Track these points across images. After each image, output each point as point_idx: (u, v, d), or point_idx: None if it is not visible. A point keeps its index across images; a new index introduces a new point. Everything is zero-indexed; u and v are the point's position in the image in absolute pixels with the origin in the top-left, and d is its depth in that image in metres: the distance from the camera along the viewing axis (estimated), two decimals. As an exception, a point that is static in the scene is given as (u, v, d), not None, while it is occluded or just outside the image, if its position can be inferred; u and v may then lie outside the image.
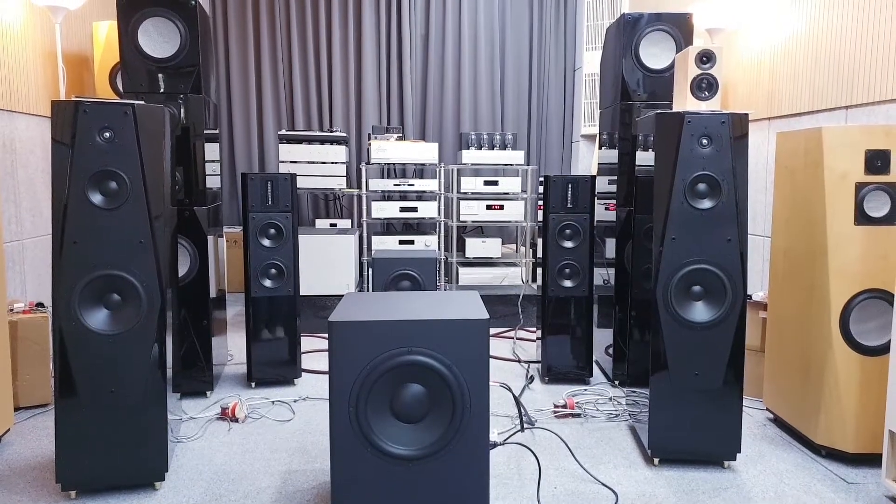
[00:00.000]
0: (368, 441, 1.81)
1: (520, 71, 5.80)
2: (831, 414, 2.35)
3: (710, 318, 2.28)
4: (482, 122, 5.73)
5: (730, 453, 2.35)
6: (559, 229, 3.18)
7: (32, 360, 2.80)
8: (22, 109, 3.19)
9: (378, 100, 5.66)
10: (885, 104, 2.62)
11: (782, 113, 3.27)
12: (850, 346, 2.32)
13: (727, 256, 2.27)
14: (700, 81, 2.73)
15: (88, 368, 2.05)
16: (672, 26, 3.13)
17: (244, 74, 5.55)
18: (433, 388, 1.83)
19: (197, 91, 2.92)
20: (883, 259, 2.30)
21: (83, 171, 2.03)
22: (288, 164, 4.61)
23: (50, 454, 2.41)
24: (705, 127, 2.26)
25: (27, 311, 2.85)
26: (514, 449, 2.48)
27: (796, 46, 3.17)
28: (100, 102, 2.05)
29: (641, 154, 2.56)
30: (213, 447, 2.49)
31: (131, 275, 2.06)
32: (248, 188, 3.07)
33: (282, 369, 3.18)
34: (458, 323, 1.82)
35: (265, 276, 3.11)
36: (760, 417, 2.82)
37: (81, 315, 2.03)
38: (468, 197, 4.76)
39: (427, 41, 5.65)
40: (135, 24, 2.84)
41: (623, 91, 3.16)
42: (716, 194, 2.27)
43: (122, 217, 2.06)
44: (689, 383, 2.31)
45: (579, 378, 3.26)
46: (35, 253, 3.28)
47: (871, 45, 2.69)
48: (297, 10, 5.52)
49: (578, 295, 3.22)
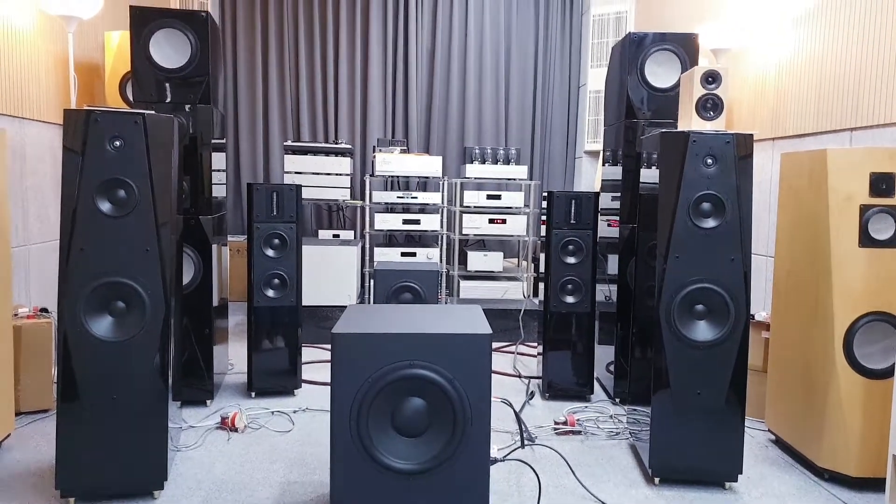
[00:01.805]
0: (368, 454, 1.81)
1: (524, 87, 5.84)
2: (834, 437, 2.34)
3: (713, 338, 2.28)
4: (486, 137, 5.75)
5: (731, 474, 2.33)
6: (562, 245, 3.19)
7: (35, 365, 2.80)
8: (33, 116, 3.21)
9: (383, 112, 5.69)
10: (890, 127, 2.63)
11: (787, 134, 3.28)
12: (853, 369, 2.31)
13: (730, 276, 2.28)
14: (705, 101, 2.75)
15: (91, 375, 2.05)
16: (678, 46, 3.15)
17: (251, 85, 5.59)
18: (434, 402, 1.83)
19: (205, 101, 2.95)
20: (887, 282, 2.30)
21: (93, 178, 2.05)
22: (293, 175, 4.63)
23: (49, 460, 2.41)
24: (710, 147, 2.27)
25: (31, 316, 2.85)
26: (514, 465, 2.47)
27: (801, 68, 3.19)
28: (111, 111, 2.07)
29: (645, 172, 2.57)
30: (212, 456, 2.49)
31: (137, 282, 2.07)
32: (253, 198, 3.09)
33: (282, 379, 3.18)
34: (460, 337, 1.83)
35: (268, 286, 3.12)
36: (762, 439, 2.81)
37: (86, 321, 2.04)
38: (471, 210, 4.77)
39: (433, 56, 5.69)
40: (147, 35, 2.87)
41: (628, 109, 3.18)
42: (720, 214, 2.28)
43: (129, 225, 2.07)
44: (690, 402, 2.31)
45: (580, 395, 3.26)
46: (40, 259, 3.29)
47: (876, 68, 2.71)
48: (305, 23, 5.57)
49: (580, 311, 3.22)
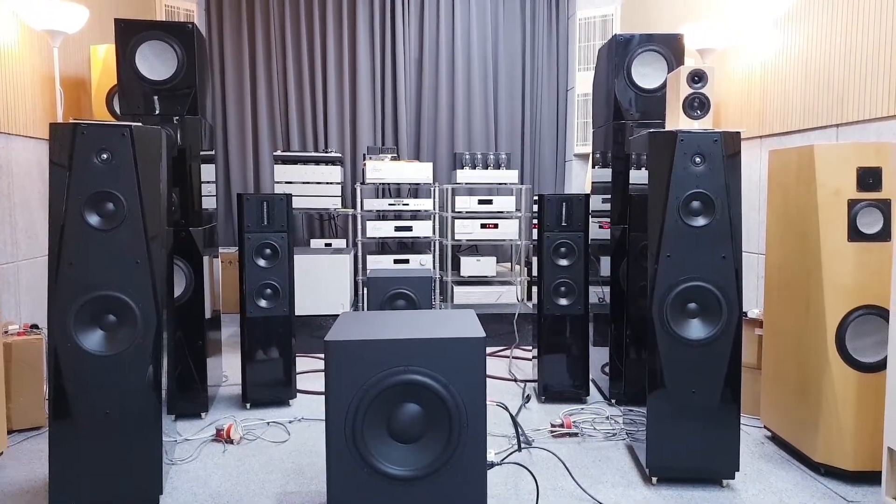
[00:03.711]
0: (365, 461, 1.80)
1: (513, 91, 5.86)
2: (829, 431, 2.35)
3: (706, 336, 2.29)
4: (476, 142, 5.76)
5: (728, 472, 2.34)
6: (554, 247, 3.19)
7: (26, 382, 2.78)
8: (19, 132, 3.20)
9: (373, 120, 5.70)
10: (875, 122, 2.65)
11: (774, 131, 3.30)
12: (846, 363, 2.32)
13: (722, 273, 2.28)
14: (692, 101, 2.76)
15: (83, 390, 2.04)
16: (663, 47, 3.17)
17: (240, 96, 5.58)
18: (430, 408, 1.83)
19: (193, 112, 2.94)
20: (877, 275, 2.32)
21: (80, 192, 2.04)
22: (283, 185, 4.62)
23: (43, 478, 2.39)
24: (698, 145, 2.28)
25: (21, 332, 2.83)
26: (511, 469, 2.47)
27: (786, 65, 3.21)
28: (97, 124, 2.06)
29: (635, 172, 2.58)
30: (207, 469, 2.47)
31: (127, 296, 2.06)
32: (243, 208, 3.07)
33: (277, 390, 3.16)
34: (454, 342, 1.82)
35: (260, 297, 3.10)
36: (758, 435, 2.82)
37: (77, 336, 2.02)
38: (462, 216, 4.77)
39: (421, 62, 5.70)
40: (132, 48, 2.86)
41: (616, 110, 3.19)
42: (710, 212, 2.29)
43: (118, 238, 2.06)
44: (686, 401, 2.31)
45: (576, 397, 3.25)
46: (30, 275, 3.26)
47: (860, 64, 2.73)
48: (293, 32, 5.57)
49: (574, 313, 3.22)
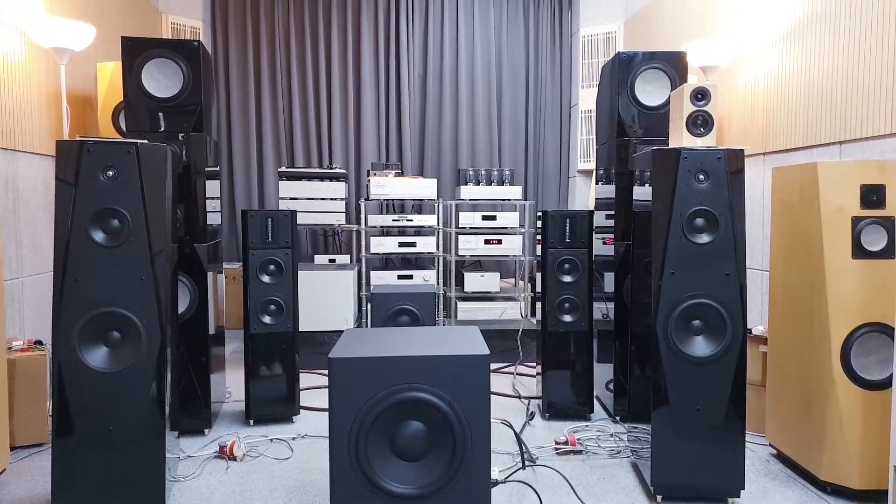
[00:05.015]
0: (368, 479, 1.79)
1: (516, 108, 5.89)
2: (835, 449, 2.33)
3: (711, 353, 2.28)
4: (480, 159, 5.79)
5: (734, 490, 2.32)
6: (558, 264, 3.19)
7: (29, 398, 2.77)
8: (25, 149, 3.22)
9: (377, 136, 5.72)
10: (879, 139, 2.66)
11: (777, 148, 3.31)
12: (851, 381, 2.31)
13: (726, 291, 2.28)
14: (695, 118, 2.78)
15: (87, 406, 2.04)
16: (666, 64, 3.19)
17: (245, 112, 5.62)
18: (433, 426, 1.82)
19: (199, 129, 2.96)
20: (881, 292, 2.31)
21: (86, 209, 2.05)
22: (287, 201, 4.64)
23: (45, 495, 2.38)
24: (701, 162, 2.29)
25: (25, 349, 2.83)
26: (515, 487, 2.45)
27: (789, 82, 3.23)
28: (103, 141, 2.08)
29: (638, 189, 2.58)
30: (210, 486, 2.46)
31: (132, 312, 2.06)
32: (248, 225, 3.09)
33: (280, 406, 3.15)
34: (458, 359, 1.82)
35: (264, 313, 3.11)
36: (763, 453, 2.80)
37: (81, 353, 2.02)
38: (466, 232, 4.78)
39: (425, 79, 5.74)
40: (139, 65, 2.89)
41: (619, 127, 3.21)
42: (713, 229, 2.29)
43: (123, 254, 2.07)
44: (690, 418, 2.30)
45: (580, 414, 3.24)
46: (35, 291, 3.27)
47: (863, 82, 2.74)
48: (298, 49, 5.62)
49: (578, 329, 3.21)
